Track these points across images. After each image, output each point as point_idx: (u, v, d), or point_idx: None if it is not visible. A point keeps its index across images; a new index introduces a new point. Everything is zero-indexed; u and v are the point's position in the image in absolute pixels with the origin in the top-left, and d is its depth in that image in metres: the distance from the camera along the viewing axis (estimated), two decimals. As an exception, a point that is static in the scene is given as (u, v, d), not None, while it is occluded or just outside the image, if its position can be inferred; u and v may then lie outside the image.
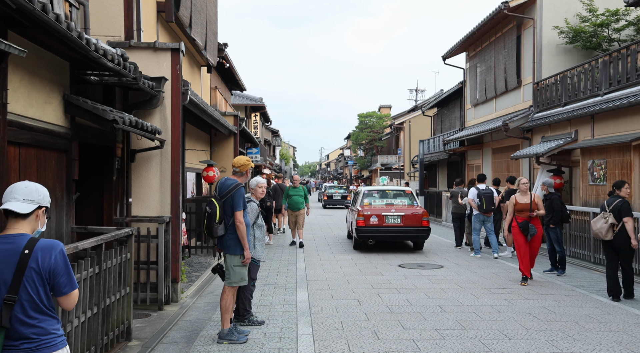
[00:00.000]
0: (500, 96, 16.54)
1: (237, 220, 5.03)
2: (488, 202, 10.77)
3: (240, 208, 5.05)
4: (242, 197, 5.11)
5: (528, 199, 8.19)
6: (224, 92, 17.55)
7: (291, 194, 12.58)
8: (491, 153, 17.44)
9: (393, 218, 11.48)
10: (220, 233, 5.11)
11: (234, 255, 5.15)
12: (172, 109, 6.78)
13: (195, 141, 11.38)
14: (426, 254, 11.29)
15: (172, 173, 6.78)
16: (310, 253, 11.51)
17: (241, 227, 5.03)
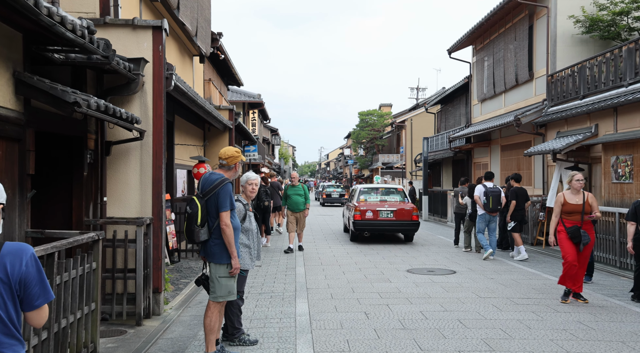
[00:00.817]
0: (510, 90, 15.73)
1: (223, 223, 4.23)
2: (495, 201, 10.25)
3: (227, 208, 4.24)
4: (230, 195, 4.30)
5: (581, 199, 6.69)
6: (220, 86, 16.73)
7: (290, 193, 11.27)
8: (500, 150, 16.63)
9: (386, 213, 12.61)
10: (203, 238, 4.30)
11: (219, 264, 4.32)
12: (153, 95, 5.95)
13: (186, 136, 10.55)
14: (435, 257, 10.47)
15: (154, 168, 5.95)
16: (310, 256, 10.69)
17: (227, 231, 4.22)
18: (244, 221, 4.95)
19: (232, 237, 4.24)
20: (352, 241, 13.19)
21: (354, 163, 54.72)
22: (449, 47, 19.31)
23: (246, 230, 4.99)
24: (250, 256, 5.00)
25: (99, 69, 5.61)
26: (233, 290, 4.39)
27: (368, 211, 12.54)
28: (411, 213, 12.65)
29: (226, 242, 4.24)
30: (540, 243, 12.19)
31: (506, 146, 16.17)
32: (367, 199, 13.42)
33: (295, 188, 11.36)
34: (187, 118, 10.40)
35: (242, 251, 4.89)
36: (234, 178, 4.60)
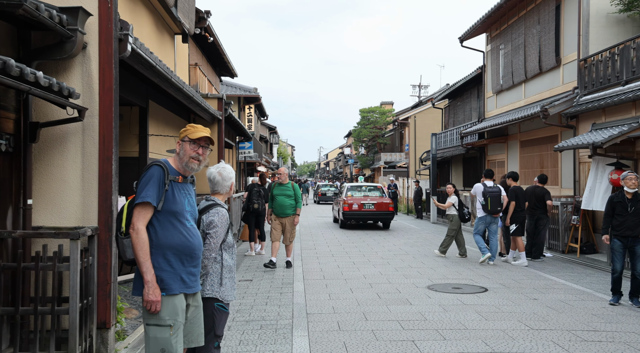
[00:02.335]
0: (532, 79, 14.19)
1: (132, 225, 2.82)
2: (494, 202, 9.39)
3: (144, 200, 2.83)
4: (152, 181, 2.88)
5: None
6: (210, 74, 15.19)
7: (275, 193, 8.97)
8: (518, 146, 15.09)
9: (369, 205, 15.97)
10: (130, 255, 2.87)
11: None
12: (100, 62, 4.41)
13: (165, 126, 9.01)
14: (456, 269, 8.92)
15: (102, 161, 4.41)
16: (310, 267, 9.15)
17: (135, 239, 2.80)
18: (227, 235, 3.47)
19: (143, 247, 2.80)
20: (341, 228, 16.51)
21: (355, 162, 53.20)
22: (461, 35, 17.78)
23: (229, 245, 3.50)
24: (233, 284, 3.50)
25: (21, 24, 4.07)
26: (170, 347, 2.83)
27: (354, 204, 15.95)
28: (388, 205, 16.19)
29: (136, 256, 2.80)
30: (574, 250, 10.66)
31: (526, 142, 14.64)
32: (354, 195, 16.73)
33: (283, 186, 9.02)
34: (165, 105, 8.86)
35: (225, 278, 3.40)
36: (188, 165, 3.07)
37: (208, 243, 3.31)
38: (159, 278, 2.83)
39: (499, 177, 16.39)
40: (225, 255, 3.44)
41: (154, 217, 2.87)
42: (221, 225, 3.37)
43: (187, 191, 3.06)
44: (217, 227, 3.34)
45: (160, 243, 2.85)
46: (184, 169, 3.04)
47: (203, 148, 3.09)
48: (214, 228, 3.34)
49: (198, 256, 3.03)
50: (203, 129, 3.13)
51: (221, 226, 3.36)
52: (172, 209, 2.90)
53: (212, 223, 3.35)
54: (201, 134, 3.08)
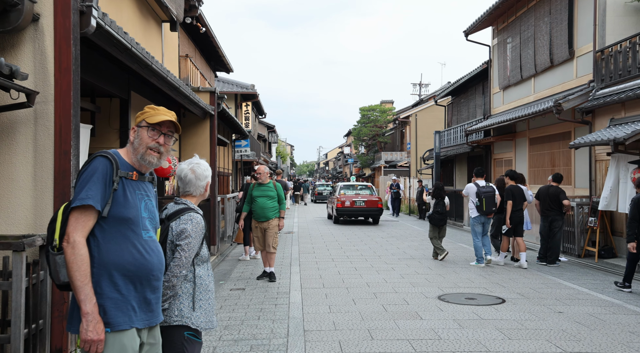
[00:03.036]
0: (542, 73, 13.48)
1: (66, 237, 2.10)
2: (489, 203, 9.10)
3: (84, 202, 2.11)
4: (92, 179, 2.16)
5: None
6: (203, 68, 14.48)
7: (255, 195, 7.85)
8: (527, 143, 14.38)
9: (360, 202, 17.62)
10: (65, 278, 2.15)
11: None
12: (56, 38, 3.70)
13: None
14: (468, 275, 8.21)
15: (58, 156, 3.70)
16: (309, 274, 8.43)
17: (69, 254, 2.08)
18: (201, 247, 2.77)
19: (78, 262, 2.07)
20: (334, 223, 18.19)
21: (355, 162, 52.50)
22: (466, 29, 17.06)
23: (204, 259, 2.81)
24: (212, 306, 2.80)
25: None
26: None
27: (347, 201, 17.62)
28: (377, 202, 17.79)
29: (71, 277, 2.07)
30: (591, 255, 9.96)
31: (536, 139, 13.93)
32: (346, 193, 18.43)
33: (263, 187, 7.86)
34: (151, 98, 8.13)
35: (199, 299, 2.70)
36: (145, 157, 2.35)
37: (178, 257, 2.61)
38: (102, 308, 2.11)
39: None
40: (199, 271, 2.74)
41: (97, 226, 2.15)
42: (195, 234, 2.66)
43: (144, 191, 2.35)
44: (189, 237, 2.64)
45: (104, 261, 2.14)
46: (139, 164, 2.33)
47: (165, 137, 2.38)
48: (185, 239, 2.63)
49: (157, 277, 2.31)
50: (166, 112, 2.42)
51: (195, 237, 2.66)
52: (123, 216, 2.18)
53: (183, 232, 2.64)
54: (163, 118, 2.36)
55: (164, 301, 2.56)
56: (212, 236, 10.44)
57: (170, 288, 2.57)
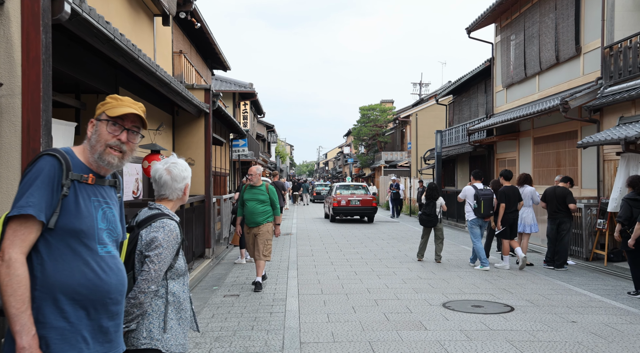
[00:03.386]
0: (547, 70, 13.13)
1: (1, 252, 1.72)
2: (487, 205, 8.94)
3: (23, 211, 1.74)
4: (43, 183, 1.80)
5: None
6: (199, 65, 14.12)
7: (246, 198, 7.27)
8: (532, 143, 14.02)
9: (355, 201, 18.50)
10: None
11: None
12: (23, 24, 3.34)
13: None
14: (472, 280, 7.85)
15: (25, 155, 3.35)
16: (307, 279, 8.07)
17: (6, 274, 1.70)
18: (175, 259, 2.41)
19: (17, 292, 1.70)
20: (331, 222, 19.02)
21: (354, 162, 52.16)
22: (468, 26, 16.72)
23: (179, 272, 2.44)
24: (183, 327, 2.43)
25: None
26: None
27: (342, 200, 18.48)
28: (371, 201, 18.71)
29: (5, 303, 1.69)
30: (599, 258, 9.61)
31: (541, 139, 13.57)
32: (342, 193, 19.26)
33: (255, 189, 7.25)
34: (141, 94, 7.77)
35: (172, 319, 2.34)
36: (103, 157, 1.98)
37: (146, 270, 2.25)
38: (44, 340, 1.73)
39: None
40: (173, 286, 2.38)
41: (41, 240, 1.78)
42: (167, 244, 2.30)
43: (102, 198, 1.96)
44: (160, 247, 2.28)
45: (49, 283, 1.76)
46: (96, 164, 1.96)
47: (129, 133, 2.01)
48: (156, 249, 2.27)
49: (117, 301, 1.93)
50: (131, 104, 2.05)
51: (167, 247, 2.30)
52: (74, 227, 1.81)
53: (153, 241, 2.29)
54: (126, 110, 1.99)
55: (131, 321, 2.20)
56: (207, 239, 10.09)
57: (138, 305, 2.21)
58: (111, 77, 6.56)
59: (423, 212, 9.91)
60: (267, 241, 7.19)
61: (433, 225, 9.81)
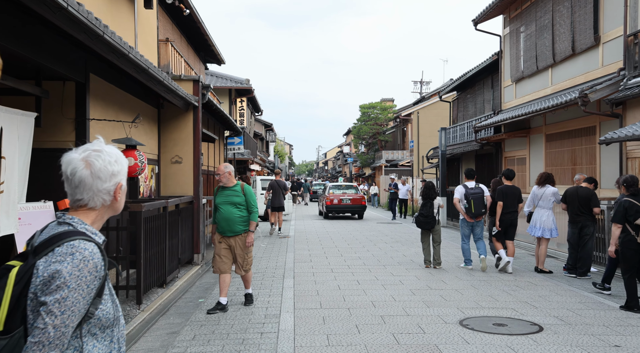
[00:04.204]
0: (561, 63, 12.30)
1: None
2: (478, 205, 8.62)
3: None
4: None
5: None
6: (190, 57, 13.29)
7: (219, 202, 6.04)
8: (544, 140, 13.20)
9: (346, 200, 20.06)
10: None
11: None
12: None
13: (118, 110, 7.09)
14: (490, 291, 7.02)
15: None
16: (304, 289, 7.25)
17: None
18: (100, 296, 1.55)
19: None
20: (324, 218, 20.57)
21: (354, 161, 51.36)
22: (475, 17, 15.88)
23: (105, 324, 1.57)
24: None
25: None
26: None
27: (335, 199, 20.10)
28: (361, 200, 20.38)
29: None
30: (625, 264, 8.77)
31: (554, 135, 12.75)
32: (334, 192, 20.82)
33: (228, 191, 6.04)
34: (118, 83, 6.95)
35: None
36: None
37: (41, 327, 1.40)
38: None
39: (520, 176, 14.53)
40: (93, 347, 1.53)
41: None
42: (78, 283, 1.45)
43: None
44: (65, 288, 1.43)
45: None
46: None
47: None
48: (57, 292, 1.42)
49: None
50: None
51: (76, 287, 1.44)
52: None
53: (55, 278, 1.44)
54: None
55: None
56: (195, 243, 9.27)
57: None
58: (79, 62, 5.73)
59: (420, 213, 9.16)
60: (246, 254, 6.10)
61: (431, 227, 9.07)
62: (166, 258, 7.18)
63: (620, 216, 6.02)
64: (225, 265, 6.03)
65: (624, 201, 6.05)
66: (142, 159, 5.90)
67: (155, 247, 6.69)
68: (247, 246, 6.07)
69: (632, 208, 5.96)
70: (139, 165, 5.79)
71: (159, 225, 6.85)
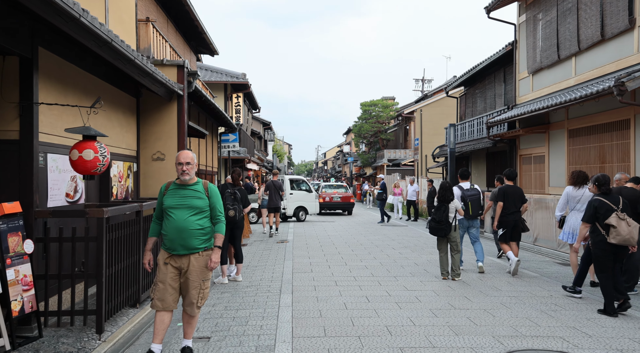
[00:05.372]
0: (588, 50, 11.17)
1: None
2: (475, 206, 8.45)
3: None
4: None
5: None
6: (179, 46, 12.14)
7: (170, 205, 4.21)
8: (566, 136, 12.08)
9: (337, 198, 22.62)
10: None
11: None
12: None
13: (78, 93, 5.92)
14: (524, 311, 5.88)
15: None
16: (304, 309, 6.09)
17: None
18: None
19: None
20: (318, 215, 21.43)
21: (355, 161, 50.22)
22: (488, 5, 14.76)
23: None
24: None
25: None
26: None
27: (327, 197, 22.34)
28: (350, 198, 22.65)
29: None
30: (672, 276, 7.62)
31: (578, 130, 11.62)
32: (327, 191, 22.91)
33: (185, 190, 4.27)
34: (78, 61, 5.79)
35: None
36: None
37: None
38: None
39: (538, 175, 13.39)
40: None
41: None
42: None
43: None
44: None
45: None
46: None
47: None
48: None
49: None
50: None
51: None
52: None
53: None
54: None
55: None
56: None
57: None
58: (23, 31, 4.58)
59: (432, 218, 8.00)
60: (203, 283, 4.26)
61: (445, 234, 7.92)
62: (140, 272, 6.03)
63: (589, 215, 5.97)
64: (171, 297, 4.16)
65: (594, 200, 5.99)
66: (104, 153, 4.73)
67: (125, 260, 5.54)
68: (209, 269, 4.27)
69: (602, 207, 5.88)
70: (99, 159, 4.63)
71: (130, 232, 5.70)
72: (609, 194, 6.00)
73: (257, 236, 13.87)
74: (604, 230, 5.84)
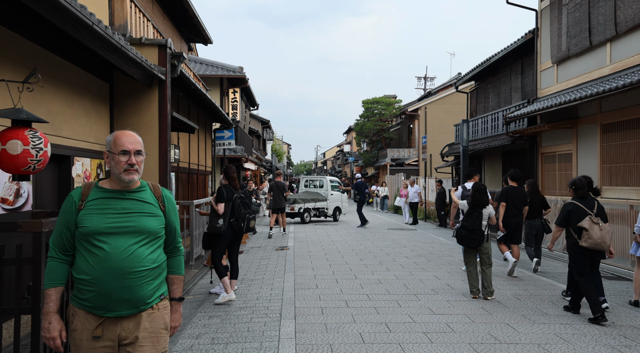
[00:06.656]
0: (627, 34, 9.92)
1: None
2: None
3: None
4: None
5: None
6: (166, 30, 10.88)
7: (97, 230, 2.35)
8: (599, 131, 10.83)
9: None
10: None
11: None
12: None
13: (22, 72, 4.66)
14: (585, 342, 4.63)
15: None
16: (310, 340, 4.84)
17: None
18: None
19: None
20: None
21: (355, 160, 48.98)
22: (506, -11, 13.52)
23: None
24: None
25: None
26: None
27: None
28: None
29: None
30: None
31: (613, 125, 10.38)
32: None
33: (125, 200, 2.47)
34: (37, 39, 4.53)
35: None
36: None
37: None
38: None
39: (564, 175, 12.15)
40: None
41: None
42: None
43: None
44: None
45: None
46: None
47: None
48: None
49: None
50: None
51: None
52: None
53: None
54: None
55: None
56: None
57: None
58: None
59: (463, 226, 6.79)
60: (156, 342, 2.43)
61: (478, 245, 6.72)
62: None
63: (561, 219, 5.92)
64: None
65: (568, 203, 5.93)
66: (39, 145, 3.47)
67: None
68: (171, 332, 2.58)
69: (576, 211, 5.81)
70: (31, 154, 3.37)
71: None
72: (585, 199, 5.94)
73: (255, 242, 12.61)
74: (576, 234, 5.77)
